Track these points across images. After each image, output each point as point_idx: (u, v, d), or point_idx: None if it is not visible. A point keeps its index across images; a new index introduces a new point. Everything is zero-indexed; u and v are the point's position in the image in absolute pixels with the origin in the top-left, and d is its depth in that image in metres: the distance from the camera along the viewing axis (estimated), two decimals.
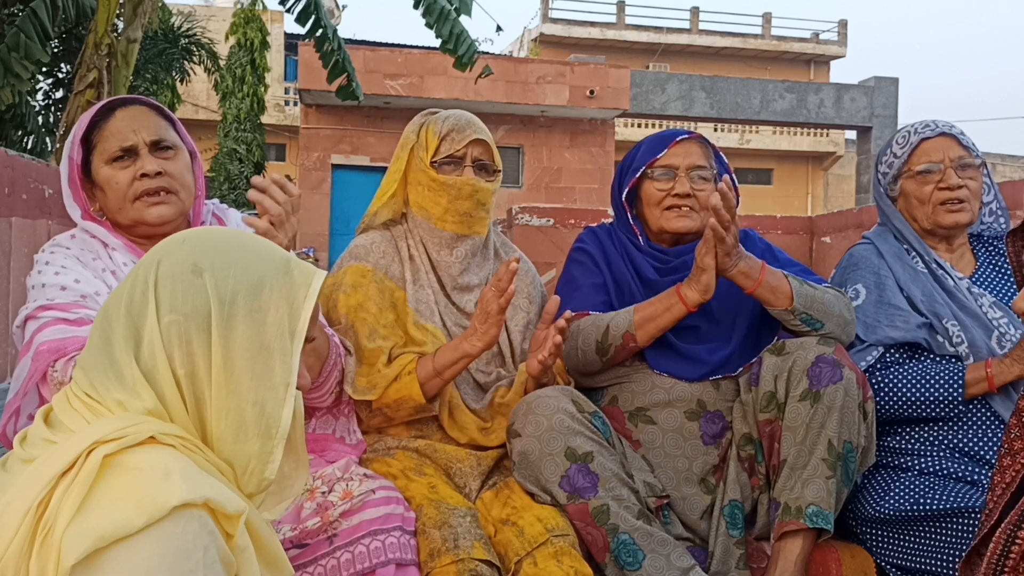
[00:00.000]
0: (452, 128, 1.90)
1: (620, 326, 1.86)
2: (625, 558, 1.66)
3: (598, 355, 1.89)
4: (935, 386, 1.85)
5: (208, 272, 1.01)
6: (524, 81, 15.40)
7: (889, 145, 2.10)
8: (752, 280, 1.81)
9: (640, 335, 1.86)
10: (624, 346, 1.87)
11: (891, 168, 2.07)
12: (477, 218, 1.91)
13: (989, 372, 1.82)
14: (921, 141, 2.01)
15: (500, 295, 1.71)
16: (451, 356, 1.79)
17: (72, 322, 1.54)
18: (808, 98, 18.55)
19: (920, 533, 1.77)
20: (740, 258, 1.80)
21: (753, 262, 1.82)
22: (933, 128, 2.02)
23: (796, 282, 1.84)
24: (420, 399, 1.79)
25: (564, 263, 2.14)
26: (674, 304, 1.84)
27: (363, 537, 1.53)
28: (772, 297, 1.82)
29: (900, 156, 2.04)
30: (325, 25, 5.96)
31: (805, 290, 1.83)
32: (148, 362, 0.99)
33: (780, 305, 1.82)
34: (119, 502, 0.90)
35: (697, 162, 1.98)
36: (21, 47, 5.46)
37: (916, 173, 2.01)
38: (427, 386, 1.80)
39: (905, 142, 2.04)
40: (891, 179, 2.07)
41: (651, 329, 1.86)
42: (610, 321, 1.88)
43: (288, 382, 1.03)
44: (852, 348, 1.92)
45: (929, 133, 2.01)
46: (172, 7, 15.45)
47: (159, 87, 13.58)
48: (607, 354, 1.88)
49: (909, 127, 2.07)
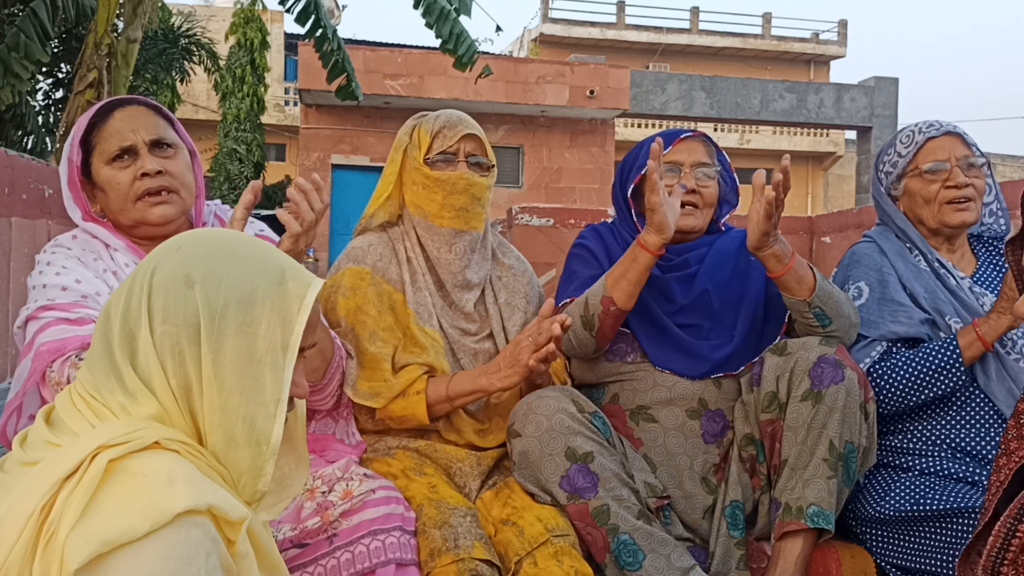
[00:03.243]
0: (444, 125, 1.91)
1: (596, 294, 1.85)
2: (625, 558, 1.66)
3: (586, 330, 1.87)
4: (934, 357, 1.84)
5: (199, 284, 1.00)
6: (524, 81, 15.41)
7: (892, 144, 2.09)
8: (782, 265, 1.80)
9: (616, 295, 1.83)
10: (606, 312, 1.84)
11: (895, 167, 2.06)
12: (473, 213, 1.92)
13: (979, 332, 1.82)
14: (927, 140, 2.01)
15: (536, 351, 1.71)
16: (467, 387, 1.79)
17: (73, 322, 1.54)
18: (808, 98, 18.55)
19: (920, 533, 1.77)
20: (776, 241, 1.79)
21: (786, 247, 1.82)
22: (938, 127, 2.02)
23: (820, 276, 1.84)
24: (425, 420, 1.80)
25: (566, 259, 2.14)
26: (638, 254, 1.82)
27: (363, 537, 1.53)
28: (796, 286, 1.81)
29: (905, 155, 2.04)
30: (325, 25, 5.96)
31: (825, 285, 1.84)
32: (145, 371, 0.99)
33: (801, 295, 1.82)
34: (123, 507, 0.90)
35: (701, 159, 1.99)
36: (21, 47, 5.46)
37: (923, 172, 2.01)
38: (435, 408, 1.80)
39: (910, 141, 2.04)
40: (895, 178, 2.07)
41: (624, 286, 1.83)
42: (588, 293, 1.87)
43: (279, 397, 1.01)
44: (856, 344, 1.92)
45: (935, 132, 2.01)
46: (172, 7, 15.45)
47: (159, 87, 13.59)
48: (593, 327, 1.86)
49: (913, 127, 2.07)
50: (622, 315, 1.87)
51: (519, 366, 1.74)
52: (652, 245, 1.80)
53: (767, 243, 1.78)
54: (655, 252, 1.81)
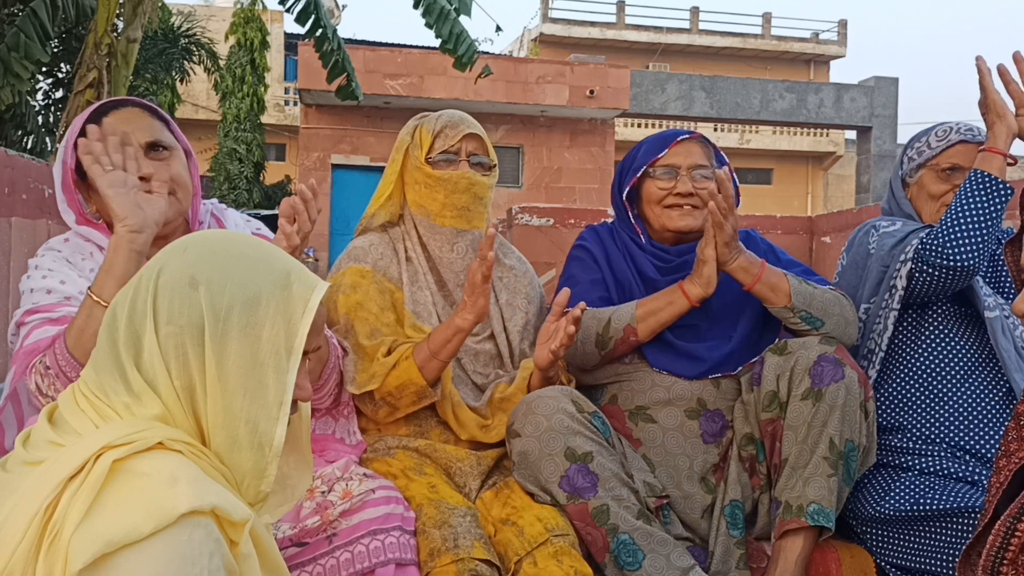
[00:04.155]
0: (446, 125, 1.92)
1: (622, 319, 1.87)
2: (625, 558, 1.67)
3: (597, 348, 1.89)
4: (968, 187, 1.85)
5: (204, 286, 1.00)
6: (524, 81, 15.41)
7: (927, 134, 2.09)
8: (751, 276, 1.82)
9: (641, 329, 1.86)
10: (624, 339, 1.87)
11: (920, 156, 2.07)
12: (475, 212, 1.92)
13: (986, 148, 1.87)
14: (960, 141, 2.02)
15: (483, 263, 1.73)
16: (444, 334, 1.79)
17: (55, 321, 1.55)
18: (808, 98, 18.54)
19: (920, 533, 1.77)
20: (739, 252, 1.82)
21: (753, 258, 1.84)
22: (976, 134, 2.03)
23: (795, 280, 1.85)
24: (420, 381, 1.79)
25: (565, 261, 2.14)
26: (677, 299, 1.85)
27: (363, 537, 1.53)
28: (771, 294, 1.83)
29: (934, 148, 2.05)
30: (325, 25, 5.95)
31: (804, 288, 1.84)
32: (149, 372, 0.99)
33: (779, 303, 1.83)
34: (127, 508, 0.90)
35: (698, 161, 1.99)
36: (21, 47, 5.45)
37: (941, 169, 2.02)
38: (425, 369, 1.80)
39: (944, 137, 2.05)
40: (915, 166, 2.08)
41: (653, 323, 1.86)
42: (612, 314, 1.89)
43: (282, 400, 1.01)
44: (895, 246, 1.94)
45: (970, 137, 2.02)
46: (172, 7, 15.44)
47: (159, 87, 13.57)
48: (606, 347, 1.88)
49: (953, 124, 2.06)
50: (637, 344, 1.90)
51: (478, 287, 1.75)
52: (694, 296, 1.84)
53: (728, 257, 1.80)
54: (695, 303, 1.84)
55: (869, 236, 2.03)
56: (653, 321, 1.86)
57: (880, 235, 2.00)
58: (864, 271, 2.02)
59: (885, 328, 1.94)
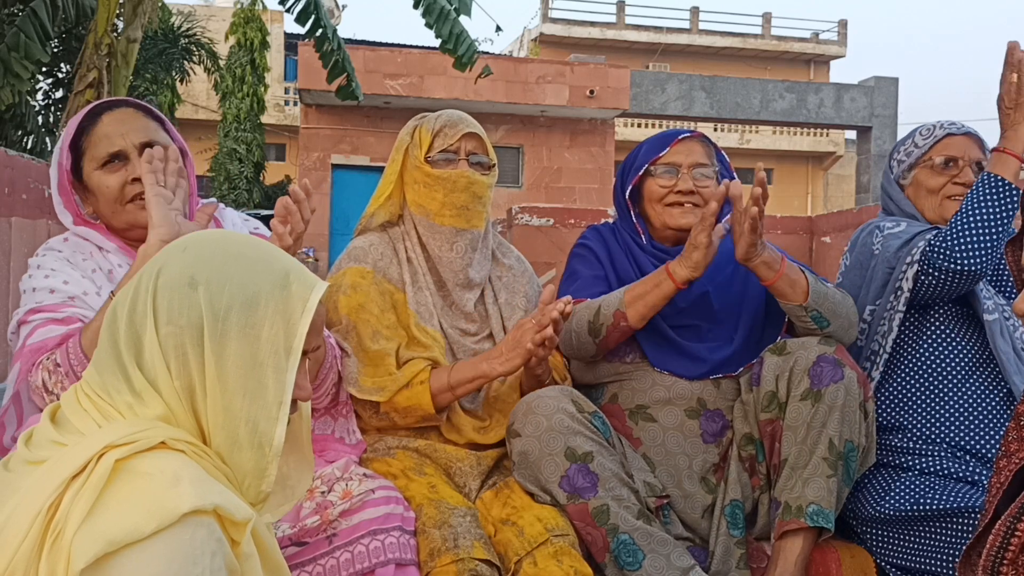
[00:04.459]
0: (445, 124, 1.92)
1: (611, 305, 1.86)
2: (625, 558, 1.67)
3: (590, 336, 1.88)
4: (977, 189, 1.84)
5: (203, 286, 1.00)
6: (524, 81, 15.41)
7: (911, 136, 2.12)
8: (773, 272, 1.81)
9: (631, 313, 1.85)
10: (615, 325, 1.85)
11: (909, 156, 2.09)
12: (475, 211, 1.92)
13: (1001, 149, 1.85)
14: (947, 135, 2.05)
15: (538, 331, 1.70)
16: (468, 374, 1.79)
17: (60, 321, 1.55)
18: (808, 98, 18.54)
19: (920, 533, 1.77)
20: (764, 249, 1.80)
21: (775, 254, 1.83)
22: (959, 127, 2.06)
23: (812, 278, 1.84)
24: (430, 410, 1.79)
25: (567, 259, 2.14)
26: (663, 281, 1.83)
27: (363, 537, 1.53)
28: (790, 291, 1.82)
29: (921, 146, 2.07)
30: (325, 25, 5.95)
31: (820, 287, 1.84)
32: (150, 371, 1.00)
33: (796, 300, 1.82)
34: (129, 507, 0.90)
35: (699, 160, 1.99)
36: (21, 47, 5.45)
37: (934, 164, 2.04)
38: (438, 398, 1.80)
39: (929, 134, 2.07)
40: (907, 167, 2.10)
41: (641, 307, 1.84)
42: (602, 302, 1.88)
43: (282, 400, 1.01)
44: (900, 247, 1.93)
45: (955, 130, 2.05)
46: (172, 7, 15.44)
47: (159, 87, 13.59)
48: (599, 335, 1.87)
49: (935, 123, 2.10)
50: (630, 331, 1.88)
51: (521, 349, 1.73)
52: (680, 278, 1.81)
53: (755, 253, 1.79)
54: (681, 285, 1.82)
55: (873, 237, 2.03)
56: (641, 305, 1.84)
57: (885, 236, 1.99)
58: (868, 272, 2.02)
59: (890, 330, 1.94)
